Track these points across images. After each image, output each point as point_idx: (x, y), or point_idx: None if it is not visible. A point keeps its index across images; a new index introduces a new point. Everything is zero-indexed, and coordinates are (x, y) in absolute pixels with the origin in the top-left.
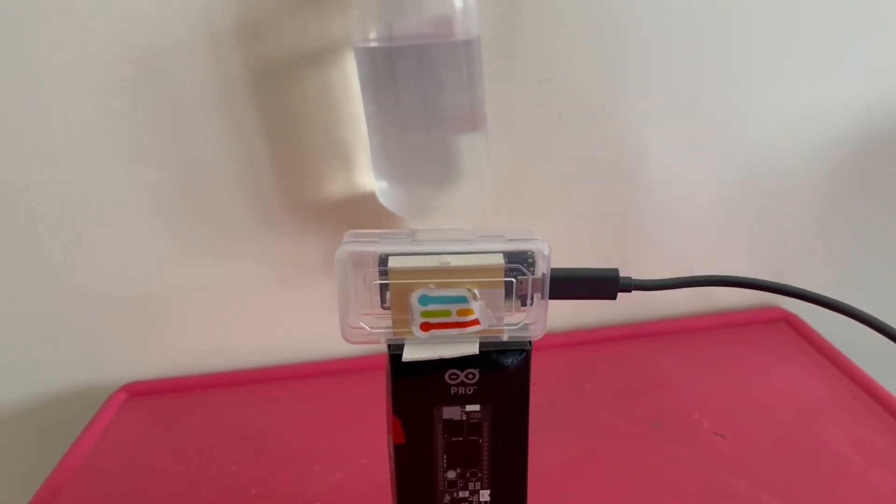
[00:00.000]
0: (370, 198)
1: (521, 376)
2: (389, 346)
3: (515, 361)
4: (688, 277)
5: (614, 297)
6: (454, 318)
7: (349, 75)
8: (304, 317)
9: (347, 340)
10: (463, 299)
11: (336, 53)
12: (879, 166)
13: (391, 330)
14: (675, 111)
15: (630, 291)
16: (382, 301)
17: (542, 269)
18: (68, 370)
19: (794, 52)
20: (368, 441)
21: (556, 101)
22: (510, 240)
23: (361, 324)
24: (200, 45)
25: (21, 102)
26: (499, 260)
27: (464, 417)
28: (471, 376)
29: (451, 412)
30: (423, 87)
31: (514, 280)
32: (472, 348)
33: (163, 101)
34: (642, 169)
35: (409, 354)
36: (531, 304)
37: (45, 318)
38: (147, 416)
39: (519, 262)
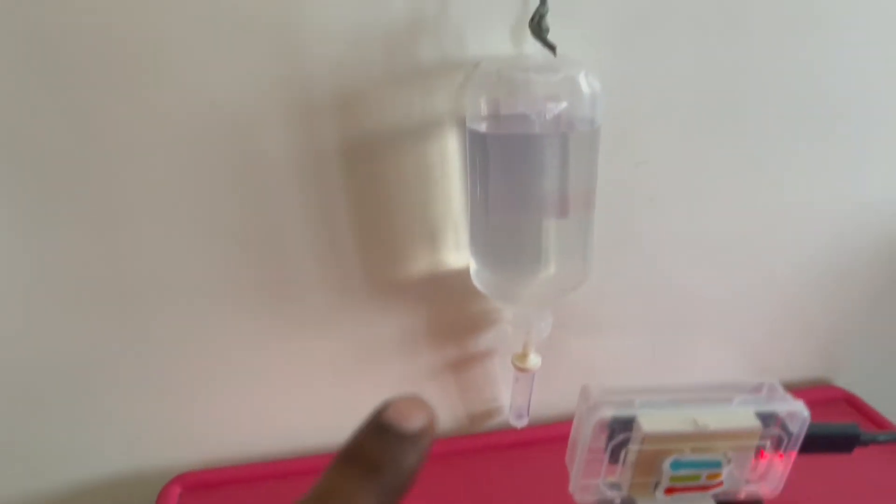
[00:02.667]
0: (454, 276)
1: None
2: None
3: None
4: None
5: (850, 452)
6: (702, 482)
7: (449, 153)
8: (375, 399)
9: (577, 500)
10: (717, 464)
11: (439, 129)
12: None
13: (624, 492)
14: (760, 197)
15: (867, 446)
16: (621, 461)
17: (795, 430)
18: (120, 454)
19: (876, 145)
20: None
21: (650, 184)
22: (765, 398)
23: (599, 482)
24: (293, 111)
25: (84, 157)
26: (754, 421)
27: None
28: None
29: None
30: (526, 171)
31: (767, 443)
32: None
33: (245, 167)
34: (721, 252)
35: None
36: (773, 463)
37: (99, 394)
38: None
39: (774, 423)
